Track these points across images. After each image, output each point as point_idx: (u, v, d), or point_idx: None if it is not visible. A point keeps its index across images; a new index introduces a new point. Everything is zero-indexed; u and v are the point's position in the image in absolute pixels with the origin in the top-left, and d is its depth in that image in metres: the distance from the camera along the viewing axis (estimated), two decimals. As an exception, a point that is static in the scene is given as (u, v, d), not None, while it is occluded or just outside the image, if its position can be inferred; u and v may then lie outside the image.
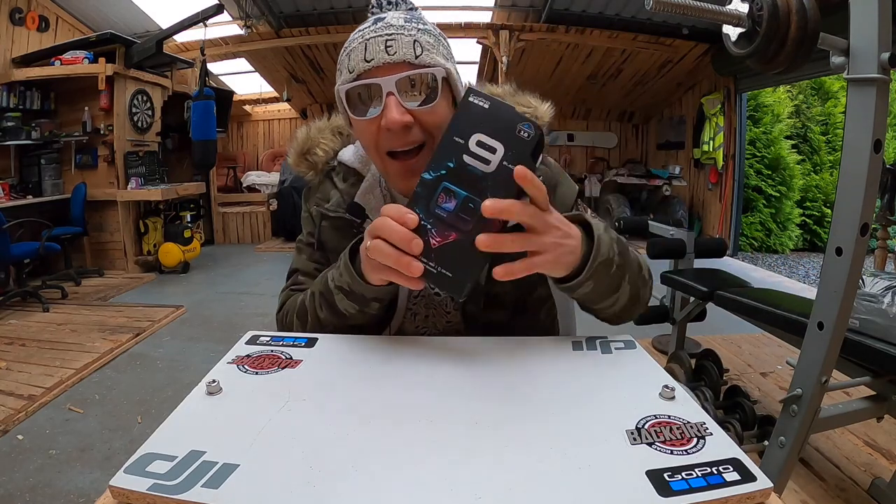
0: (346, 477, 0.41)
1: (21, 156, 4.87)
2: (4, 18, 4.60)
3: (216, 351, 1.46)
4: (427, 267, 0.54)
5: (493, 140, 0.53)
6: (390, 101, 0.64)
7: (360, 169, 0.81)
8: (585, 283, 0.60)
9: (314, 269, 0.84)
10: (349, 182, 0.81)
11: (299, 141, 0.86)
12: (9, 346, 3.16)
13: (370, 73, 0.65)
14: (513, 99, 0.81)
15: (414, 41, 0.66)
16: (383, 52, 0.64)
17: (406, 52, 0.65)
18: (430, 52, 0.67)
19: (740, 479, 0.40)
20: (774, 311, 1.79)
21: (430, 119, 0.67)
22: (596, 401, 0.53)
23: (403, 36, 0.65)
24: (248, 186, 7.47)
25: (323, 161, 0.84)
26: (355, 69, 0.66)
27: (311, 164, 0.85)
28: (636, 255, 0.71)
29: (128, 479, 0.41)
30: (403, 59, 0.65)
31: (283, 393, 0.54)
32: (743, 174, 6.24)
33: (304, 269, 0.85)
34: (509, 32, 5.71)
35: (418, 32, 0.67)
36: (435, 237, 0.54)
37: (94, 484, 1.88)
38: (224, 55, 6.28)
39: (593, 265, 0.59)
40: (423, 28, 0.68)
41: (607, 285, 0.63)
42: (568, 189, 0.82)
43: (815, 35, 0.98)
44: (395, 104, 0.64)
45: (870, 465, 1.86)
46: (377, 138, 0.67)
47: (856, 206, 1.14)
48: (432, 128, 0.67)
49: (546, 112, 0.80)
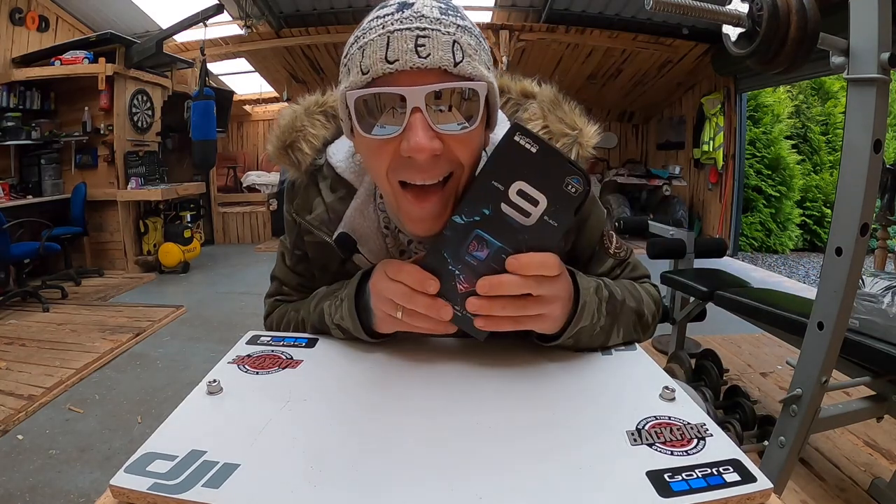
0: (346, 477, 0.41)
1: (21, 156, 4.87)
2: (4, 18, 4.60)
3: (216, 351, 1.46)
4: (454, 311, 0.53)
5: (537, 192, 0.48)
6: (417, 121, 0.49)
7: (352, 181, 0.67)
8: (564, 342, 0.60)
9: (297, 284, 0.79)
10: (337, 194, 0.68)
11: (282, 127, 0.69)
12: (9, 346, 3.16)
13: (392, 78, 0.49)
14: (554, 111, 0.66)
15: (453, 42, 0.50)
16: (412, 53, 0.48)
17: (443, 55, 0.49)
18: (471, 58, 0.51)
19: (740, 479, 0.40)
20: (774, 311, 1.79)
21: (462, 147, 0.52)
22: (596, 402, 0.53)
23: (440, 34, 0.49)
24: (248, 186, 7.46)
25: (308, 160, 0.69)
26: (371, 70, 0.49)
27: (294, 162, 0.69)
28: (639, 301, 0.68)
29: (128, 478, 0.41)
30: (439, 65, 0.49)
31: (284, 393, 0.54)
32: (743, 174, 6.24)
33: (286, 280, 0.80)
34: (509, 32, 5.71)
35: (458, 31, 0.51)
36: (462, 283, 0.52)
37: (94, 484, 1.88)
38: (224, 55, 6.27)
39: (572, 331, 0.59)
40: (464, 25, 0.52)
41: (588, 342, 0.62)
42: (596, 221, 0.72)
43: (815, 35, 0.98)
44: (423, 125, 0.49)
45: (870, 465, 1.86)
46: (390, 164, 0.53)
47: (856, 206, 1.14)
48: (463, 158, 0.53)
49: (592, 136, 0.65)
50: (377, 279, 0.57)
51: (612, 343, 0.65)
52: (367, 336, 0.62)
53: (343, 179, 0.68)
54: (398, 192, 0.55)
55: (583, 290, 0.59)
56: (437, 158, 0.51)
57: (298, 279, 0.79)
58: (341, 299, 0.63)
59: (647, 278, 0.79)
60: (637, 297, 0.69)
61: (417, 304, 0.52)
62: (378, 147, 0.52)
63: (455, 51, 0.50)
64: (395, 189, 0.55)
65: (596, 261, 0.74)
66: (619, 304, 0.64)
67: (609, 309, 0.62)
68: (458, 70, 0.50)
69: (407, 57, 0.49)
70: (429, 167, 0.52)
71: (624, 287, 0.69)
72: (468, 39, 0.52)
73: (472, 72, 0.50)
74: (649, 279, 0.79)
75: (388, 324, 0.58)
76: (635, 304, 0.68)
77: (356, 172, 0.68)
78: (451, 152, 0.52)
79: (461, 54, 0.50)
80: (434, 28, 0.50)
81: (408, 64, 0.49)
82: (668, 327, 2.62)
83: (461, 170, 0.54)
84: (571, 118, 0.66)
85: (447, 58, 0.49)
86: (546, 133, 0.66)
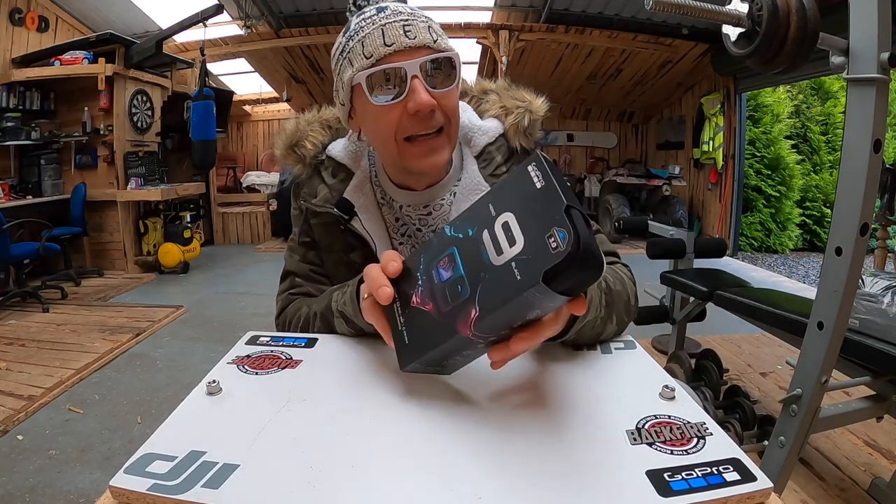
0: (346, 477, 0.41)
1: (21, 156, 4.87)
2: (4, 18, 4.60)
3: (216, 351, 1.46)
4: (397, 316, 0.51)
5: (519, 231, 0.42)
6: (416, 85, 0.64)
7: (350, 165, 0.80)
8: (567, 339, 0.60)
9: (309, 271, 0.84)
10: (338, 178, 0.80)
11: (288, 133, 0.84)
12: (9, 346, 3.16)
13: (391, 57, 0.64)
14: (507, 93, 0.81)
15: (428, 26, 0.66)
16: (403, 36, 0.64)
17: (424, 36, 0.65)
18: (442, 38, 0.68)
19: (740, 479, 0.40)
20: (774, 311, 1.79)
21: (449, 103, 0.68)
22: (596, 401, 0.53)
23: (418, 21, 0.66)
24: (247, 186, 7.47)
25: (311, 154, 0.82)
26: (374, 54, 0.64)
27: (299, 157, 0.83)
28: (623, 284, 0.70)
29: (128, 479, 0.41)
30: (423, 43, 0.65)
31: (284, 393, 0.54)
32: (743, 174, 6.24)
33: (299, 271, 0.84)
34: (509, 32, 5.71)
35: (427, 19, 0.68)
36: (418, 296, 0.49)
37: (94, 484, 1.88)
38: (224, 55, 6.28)
39: (578, 326, 0.59)
40: (428, 16, 0.69)
41: (589, 335, 0.63)
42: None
43: (814, 35, 0.98)
44: (421, 87, 0.64)
45: (870, 465, 1.86)
46: (398, 124, 0.66)
47: (856, 205, 1.14)
48: (450, 111, 0.68)
49: (540, 107, 0.79)
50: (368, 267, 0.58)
51: (607, 332, 0.65)
52: (362, 321, 0.63)
53: (342, 165, 0.81)
54: (402, 146, 0.68)
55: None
56: (433, 113, 0.66)
57: (309, 267, 0.84)
58: (347, 285, 0.67)
59: (616, 255, 0.79)
60: (621, 279, 0.70)
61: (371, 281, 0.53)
62: (387, 112, 0.66)
63: (432, 32, 0.66)
64: (400, 144, 0.68)
65: None
66: (613, 292, 0.65)
67: (607, 299, 0.64)
68: (436, 45, 0.66)
69: (400, 39, 0.64)
70: (428, 119, 0.66)
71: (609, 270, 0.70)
72: (435, 25, 0.69)
73: (445, 46, 0.67)
74: (618, 256, 0.79)
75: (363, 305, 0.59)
76: (622, 288, 0.69)
77: (353, 158, 0.81)
78: (440, 108, 0.67)
79: (436, 34, 0.67)
80: (413, 18, 0.66)
81: (402, 45, 0.64)
82: (668, 327, 2.62)
83: (449, 124, 0.69)
84: (521, 94, 0.81)
85: (428, 37, 0.66)
86: (502, 109, 0.81)
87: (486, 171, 0.78)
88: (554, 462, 0.43)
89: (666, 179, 6.74)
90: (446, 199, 0.78)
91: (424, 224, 0.80)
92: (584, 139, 7.86)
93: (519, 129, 0.79)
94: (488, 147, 0.79)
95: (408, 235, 0.80)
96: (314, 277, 0.84)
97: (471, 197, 0.76)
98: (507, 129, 0.80)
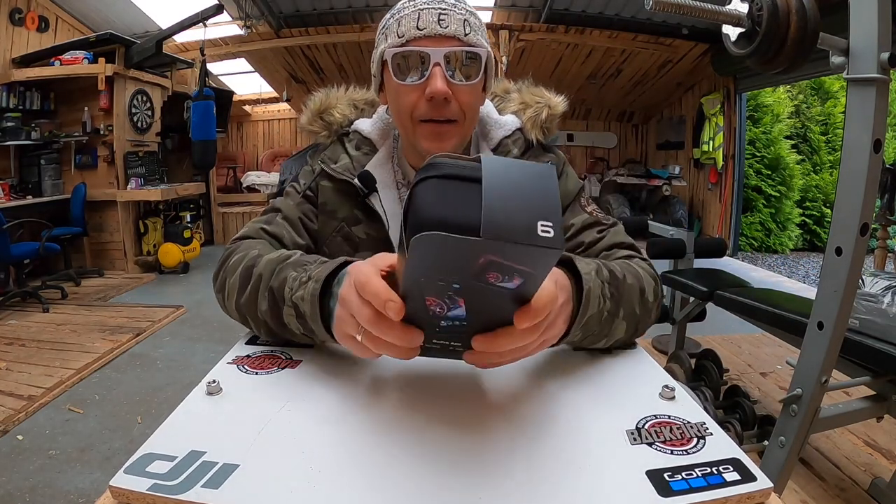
0: (346, 477, 0.41)
1: (21, 156, 4.86)
2: (4, 19, 4.60)
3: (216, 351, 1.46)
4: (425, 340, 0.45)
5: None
6: (437, 71, 0.67)
7: (376, 141, 0.82)
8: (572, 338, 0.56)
9: (297, 219, 0.80)
10: (362, 151, 0.82)
11: (316, 101, 0.85)
12: (9, 346, 3.16)
13: (420, 41, 0.67)
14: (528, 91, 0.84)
15: (464, 20, 0.69)
16: (436, 24, 0.67)
17: (457, 28, 0.68)
18: (476, 33, 0.70)
19: (740, 479, 0.40)
20: (774, 311, 1.79)
21: (467, 97, 0.70)
22: (596, 401, 0.53)
23: (455, 12, 0.69)
24: (247, 186, 7.46)
25: (339, 123, 0.84)
26: (405, 35, 0.68)
27: (327, 124, 0.84)
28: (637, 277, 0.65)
29: (128, 479, 0.41)
30: (454, 34, 0.68)
31: (283, 393, 0.54)
32: (743, 174, 6.24)
33: (288, 212, 0.80)
34: (509, 32, 5.71)
35: (467, 13, 0.70)
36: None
37: (94, 484, 1.88)
38: (224, 55, 6.27)
39: (580, 322, 0.55)
40: (471, 11, 0.72)
41: (597, 333, 0.59)
42: (570, 180, 0.82)
43: (814, 35, 0.98)
44: (440, 74, 0.67)
45: (870, 465, 1.86)
46: (415, 105, 0.70)
47: (856, 205, 1.14)
48: (467, 106, 0.70)
49: (559, 103, 0.82)
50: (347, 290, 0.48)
51: (617, 332, 0.60)
52: (322, 328, 0.54)
53: (367, 140, 0.82)
54: (417, 125, 0.71)
55: (584, 274, 0.56)
56: (447, 102, 0.69)
57: (298, 215, 0.80)
58: (309, 276, 0.56)
59: (635, 249, 0.75)
60: (634, 273, 0.65)
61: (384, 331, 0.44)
62: (408, 92, 0.70)
63: (465, 26, 0.69)
64: (415, 123, 0.71)
65: (571, 211, 0.80)
66: (621, 283, 0.61)
67: (612, 291, 0.59)
68: (466, 39, 0.69)
69: (432, 26, 0.67)
70: (442, 107, 0.69)
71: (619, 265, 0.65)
72: (474, 20, 0.71)
73: (476, 41, 0.70)
74: (638, 251, 0.75)
75: (346, 341, 0.51)
76: (634, 281, 0.64)
77: (380, 134, 0.82)
78: (456, 100, 0.69)
79: (469, 28, 0.69)
80: (451, 9, 0.69)
81: (433, 31, 0.67)
82: (668, 327, 2.62)
83: (463, 118, 0.71)
84: (540, 91, 0.84)
85: (460, 30, 0.68)
86: (522, 105, 0.83)
87: None
88: (554, 462, 0.43)
89: (666, 179, 6.74)
90: None
91: None
92: (584, 139, 7.85)
93: (536, 122, 0.81)
94: (505, 140, 0.81)
95: None
96: (299, 229, 0.79)
97: None
98: (525, 122, 0.82)
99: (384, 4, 5.45)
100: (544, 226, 0.34)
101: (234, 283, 0.66)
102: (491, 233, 0.33)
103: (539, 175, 0.37)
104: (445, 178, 0.37)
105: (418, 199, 0.37)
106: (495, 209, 0.34)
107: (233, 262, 0.69)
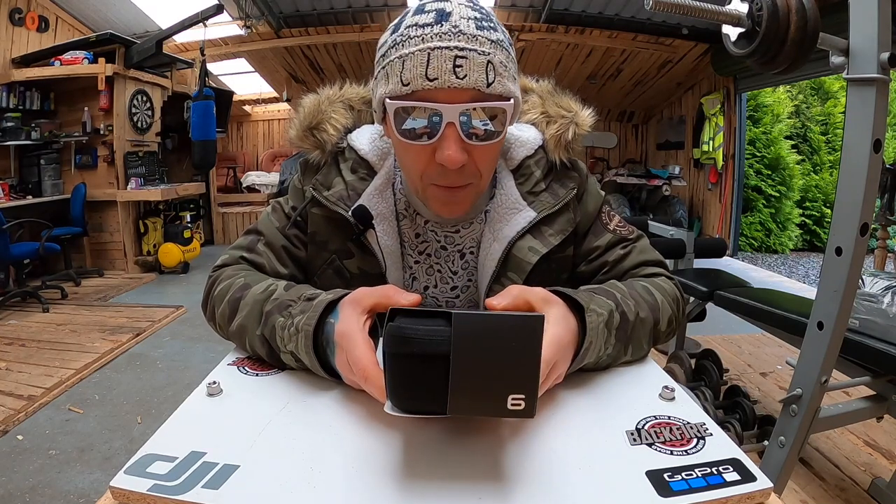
0: (346, 478, 0.41)
1: (21, 156, 4.86)
2: (4, 19, 4.60)
3: (216, 351, 1.46)
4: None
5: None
6: (450, 135, 0.55)
7: (374, 163, 0.70)
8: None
9: (281, 247, 0.72)
10: (358, 175, 0.70)
11: (306, 112, 0.72)
12: (9, 346, 3.16)
13: (431, 93, 0.55)
14: (551, 99, 0.74)
15: (487, 62, 0.55)
16: (451, 74, 0.54)
17: (478, 77, 0.54)
18: (502, 77, 0.56)
19: (740, 479, 0.40)
20: (774, 311, 1.79)
21: (484, 157, 0.60)
22: (596, 401, 0.53)
23: (476, 54, 0.54)
24: (247, 187, 7.47)
25: (333, 141, 0.72)
26: (411, 83, 0.55)
27: (319, 142, 0.72)
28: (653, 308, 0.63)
29: (128, 479, 0.41)
30: (474, 85, 0.54)
31: (284, 394, 0.54)
32: (743, 174, 6.24)
33: (271, 238, 0.73)
34: (509, 32, 5.70)
35: (492, 47, 0.56)
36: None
37: (94, 484, 1.88)
38: (224, 55, 6.28)
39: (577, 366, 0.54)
40: (497, 40, 0.57)
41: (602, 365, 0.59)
42: (591, 199, 0.75)
43: (814, 35, 0.98)
44: (454, 139, 0.55)
45: (870, 465, 1.86)
46: (424, 168, 0.60)
47: (856, 205, 1.14)
48: (484, 166, 0.61)
49: (586, 119, 0.72)
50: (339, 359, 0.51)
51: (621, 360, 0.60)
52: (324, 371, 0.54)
53: (364, 161, 0.71)
54: (428, 188, 0.62)
55: (590, 330, 0.54)
56: (462, 168, 0.58)
57: (284, 242, 0.73)
58: (297, 328, 0.54)
59: (661, 266, 0.73)
60: (652, 303, 0.64)
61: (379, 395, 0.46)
62: (417, 153, 0.59)
63: (489, 71, 0.55)
64: (425, 185, 0.62)
65: (593, 233, 0.74)
66: (631, 326, 0.59)
67: (619, 336, 0.58)
68: (490, 90, 0.55)
69: (446, 77, 0.54)
70: (456, 174, 0.58)
71: (639, 295, 0.64)
72: (501, 57, 0.57)
73: (501, 91, 0.56)
74: (664, 267, 0.74)
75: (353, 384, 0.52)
76: (649, 314, 0.63)
77: (378, 156, 0.71)
78: (473, 163, 0.59)
79: (493, 74, 0.55)
80: (471, 48, 0.54)
81: (446, 83, 0.54)
82: (668, 327, 2.61)
83: (479, 179, 0.61)
84: (567, 103, 0.73)
85: (482, 79, 0.55)
86: (543, 116, 0.73)
87: (523, 187, 0.70)
88: (554, 462, 0.43)
89: (666, 179, 6.74)
90: (478, 217, 0.71)
91: (451, 242, 0.71)
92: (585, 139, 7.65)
93: (561, 141, 0.71)
94: (527, 160, 0.71)
95: (427, 254, 0.72)
96: (281, 257, 0.72)
97: (506, 216, 0.68)
98: (548, 140, 0.72)
99: (384, 5, 5.45)
100: (515, 399, 0.35)
101: (224, 313, 0.65)
102: (458, 411, 0.37)
103: (517, 336, 0.36)
104: (415, 357, 0.38)
105: (390, 373, 0.40)
106: (464, 390, 0.36)
107: (218, 291, 0.67)
